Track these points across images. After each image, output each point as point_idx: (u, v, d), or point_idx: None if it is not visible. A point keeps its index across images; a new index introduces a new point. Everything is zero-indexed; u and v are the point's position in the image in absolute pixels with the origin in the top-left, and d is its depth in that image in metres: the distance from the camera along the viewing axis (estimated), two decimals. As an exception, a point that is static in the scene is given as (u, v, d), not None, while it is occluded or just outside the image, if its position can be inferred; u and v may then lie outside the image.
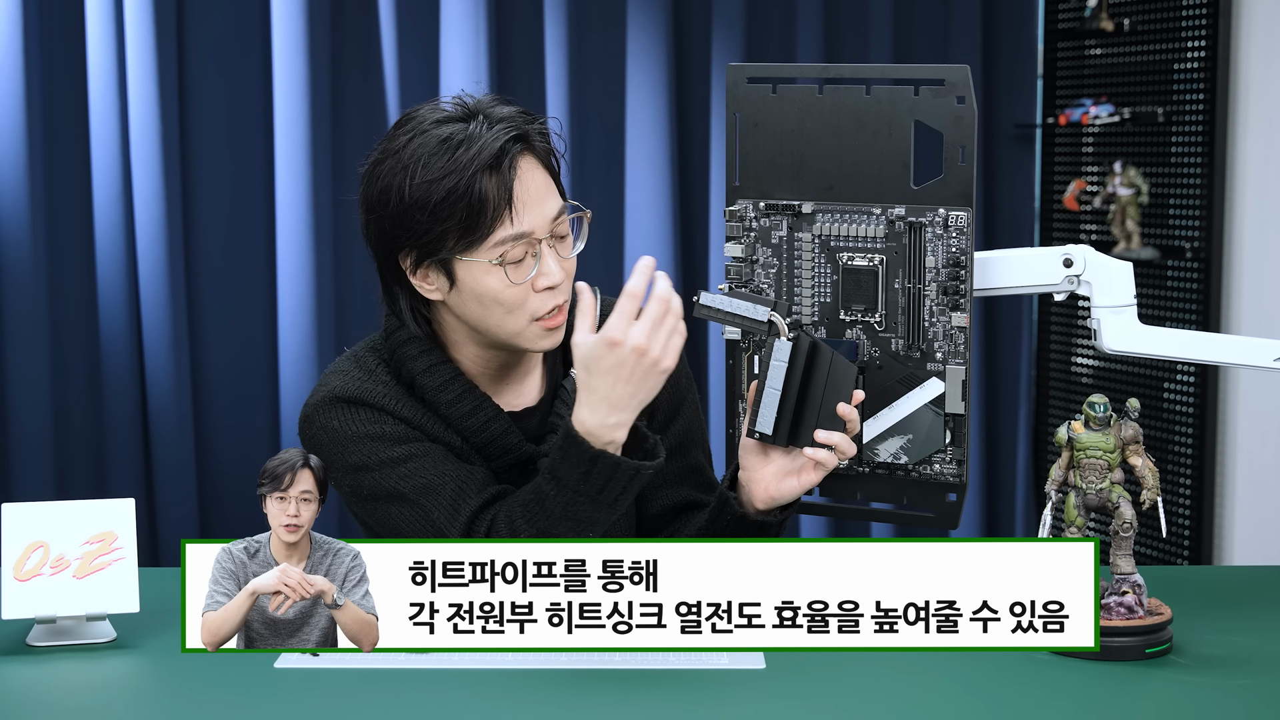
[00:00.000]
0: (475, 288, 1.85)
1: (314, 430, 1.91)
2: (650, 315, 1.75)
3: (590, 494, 1.77)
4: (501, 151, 1.82)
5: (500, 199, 1.81)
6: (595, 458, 1.76)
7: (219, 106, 3.78)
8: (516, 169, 1.83)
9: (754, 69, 1.91)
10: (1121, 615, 1.73)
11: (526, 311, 1.86)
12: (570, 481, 1.77)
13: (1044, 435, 4.31)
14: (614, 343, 1.74)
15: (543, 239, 1.85)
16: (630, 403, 1.77)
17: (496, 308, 1.86)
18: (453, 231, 1.82)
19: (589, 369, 1.76)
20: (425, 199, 1.82)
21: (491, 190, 1.81)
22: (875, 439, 1.90)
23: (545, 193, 1.86)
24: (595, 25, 3.92)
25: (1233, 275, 3.86)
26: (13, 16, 3.54)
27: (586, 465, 1.76)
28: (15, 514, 1.79)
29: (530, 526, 1.79)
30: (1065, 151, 4.26)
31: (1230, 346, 1.87)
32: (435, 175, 1.81)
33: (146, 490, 3.78)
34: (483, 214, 1.81)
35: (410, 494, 1.86)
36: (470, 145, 1.82)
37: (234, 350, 3.84)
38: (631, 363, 1.75)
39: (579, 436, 1.76)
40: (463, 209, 1.81)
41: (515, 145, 1.83)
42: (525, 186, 1.84)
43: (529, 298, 1.86)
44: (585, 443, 1.76)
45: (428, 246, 1.84)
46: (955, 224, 1.83)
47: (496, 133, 1.83)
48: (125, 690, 1.69)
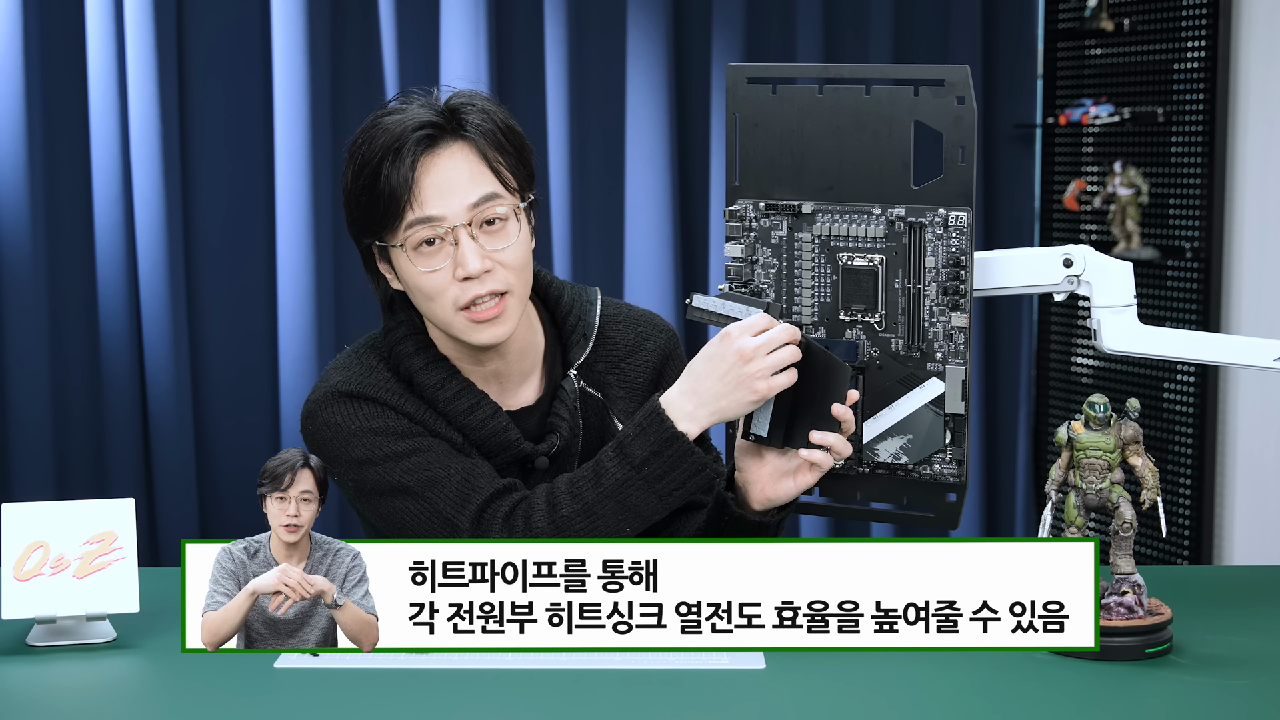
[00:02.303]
0: (402, 275, 1.89)
1: (316, 426, 1.92)
2: (770, 335, 1.79)
3: (650, 477, 1.81)
4: (403, 137, 1.84)
5: (400, 184, 1.84)
6: (671, 438, 1.80)
7: (219, 106, 3.78)
8: (421, 155, 1.84)
9: (754, 69, 1.91)
10: (1121, 615, 1.73)
11: (448, 300, 1.87)
12: (636, 457, 1.80)
13: (1044, 435, 4.31)
14: (726, 335, 1.80)
15: (458, 226, 1.85)
16: (711, 401, 1.80)
17: (420, 295, 1.89)
18: (373, 217, 1.87)
19: (700, 354, 1.82)
20: (354, 186, 1.88)
21: (392, 176, 1.84)
22: (875, 439, 1.90)
23: (466, 180, 1.86)
24: (595, 26, 3.92)
25: (1233, 275, 3.86)
26: (13, 16, 3.54)
27: (659, 444, 1.80)
28: (15, 514, 1.79)
29: (574, 501, 1.82)
30: (1065, 151, 4.26)
31: (1230, 346, 1.87)
32: (358, 163, 1.87)
33: (146, 490, 3.78)
34: (389, 200, 1.85)
35: (415, 487, 1.86)
36: (386, 132, 1.85)
37: (234, 350, 3.84)
38: (730, 362, 1.79)
39: (663, 412, 1.81)
40: (368, 194, 1.86)
41: (423, 131, 1.85)
42: (435, 173, 1.85)
43: (449, 286, 1.87)
44: (668, 419, 1.80)
45: (365, 233, 1.89)
46: (955, 224, 1.83)
47: (412, 119, 1.86)
48: (125, 690, 1.69)
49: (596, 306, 2.03)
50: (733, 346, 1.79)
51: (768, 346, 1.79)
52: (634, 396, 2.02)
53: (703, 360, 1.81)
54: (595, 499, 1.81)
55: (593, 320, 2.02)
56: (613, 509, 1.81)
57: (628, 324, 2.05)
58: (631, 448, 1.81)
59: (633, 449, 1.81)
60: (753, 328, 1.80)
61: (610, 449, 1.83)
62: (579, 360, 2.00)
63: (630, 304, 2.10)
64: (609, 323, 2.04)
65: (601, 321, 2.03)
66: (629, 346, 2.04)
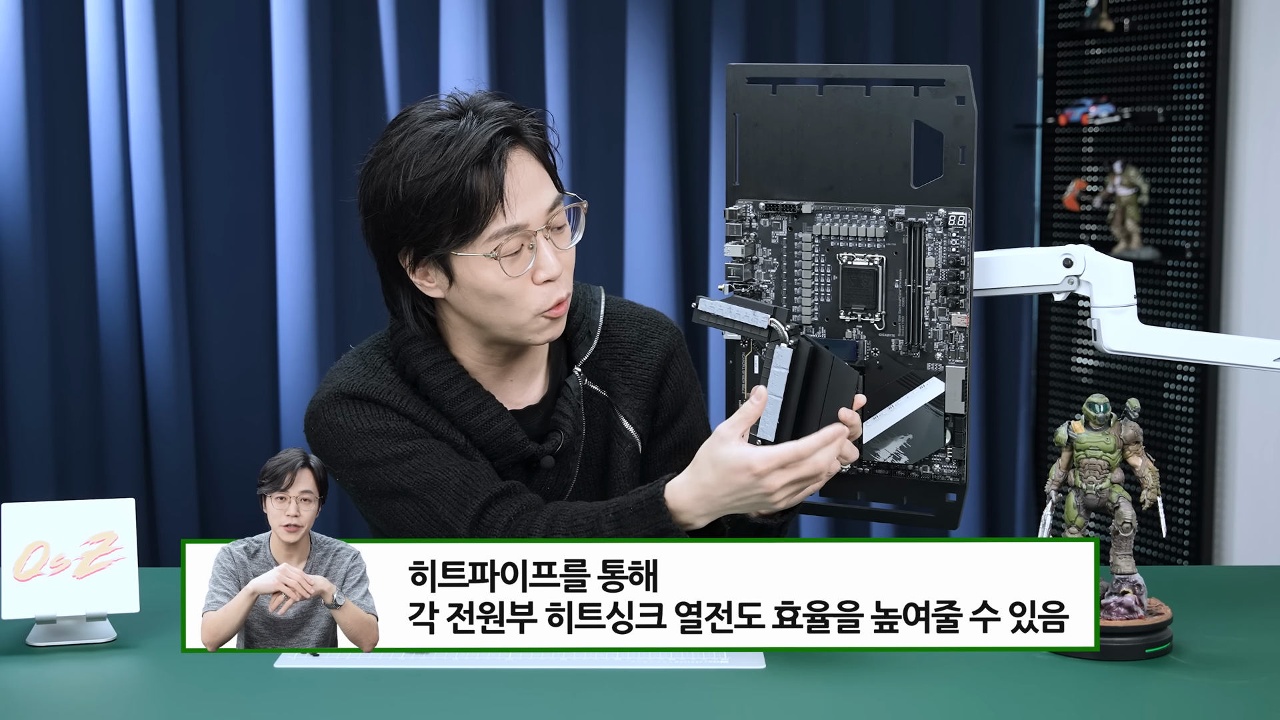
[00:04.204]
0: (474, 283, 1.86)
1: (319, 426, 1.92)
2: (798, 473, 1.74)
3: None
4: (491, 145, 1.83)
5: (492, 193, 1.82)
6: (667, 530, 1.78)
7: (219, 106, 3.78)
8: (507, 162, 1.84)
9: (754, 69, 1.91)
10: (1121, 615, 1.73)
11: (527, 304, 1.87)
12: (632, 531, 1.79)
13: (1044, 435, 4.31)
14: (754, 472, 1.73)
15: (537, 231, 1.86)
16: (726, 510, 1.78)
17: (497, 302, 1.86)
18: (447, 227, 1.83)
19: (715, 465, 1.75)
20: (418, 196, 1.83)
21: (483, 185, 1.82)
22: (875, 439, 1.89)
23: (539, 185, 1.87)
24: (595, 25, 3.92)
25: (1233, 275, 3.86)
26: (13, 16, 3.54)
27: (655, 531, 1.78)
28: (15, 514, 1.79)
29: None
30: (1065, 151, 4.26)
31: (1230, 346, 1.87)
32: (427, 172, 1.82)
33: (146, 490, 3.78)
34: (475, 209, 1.82)
35: (415, 489, 1.86)
36: (460, 141, 1.83)
37: (234, 350, 3.84)
38: (754, 492, 1.75)
39: (666, 507, 1.78)
40: (455, 204, 1.82)
41: (505, 139, 1.84)
42: (517, 179, 1.84)
43: (528, 290, 1.86)
44: (668, 514, 1.78)
45: (424, 244, 1.85)
46: (955, 224, 1.83)
47: (486, 127, 1.84)
48: (125, 690, 1.69)
49: (601, 305, 2.03)
50: (759, 484, 1.74)
51: (795, 486, 1.75)
52: (638, 394, 2.02)
53: (721, 478, 1.76)
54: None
55: (597, 318, 2.02)
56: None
57: (632, 322, 2.05)
58: (629, 523, 1.80)
59: (630, 524, 1.80)
60: (781, 460, 1.73)
61: (610, 514, 1.81)
62: (583, 358, 2.00)
63: (635, 302, 2.10)
64: (613, 320, 2.04)
65: (606, 319, 2.03)
66: (633, 344, 2.04)
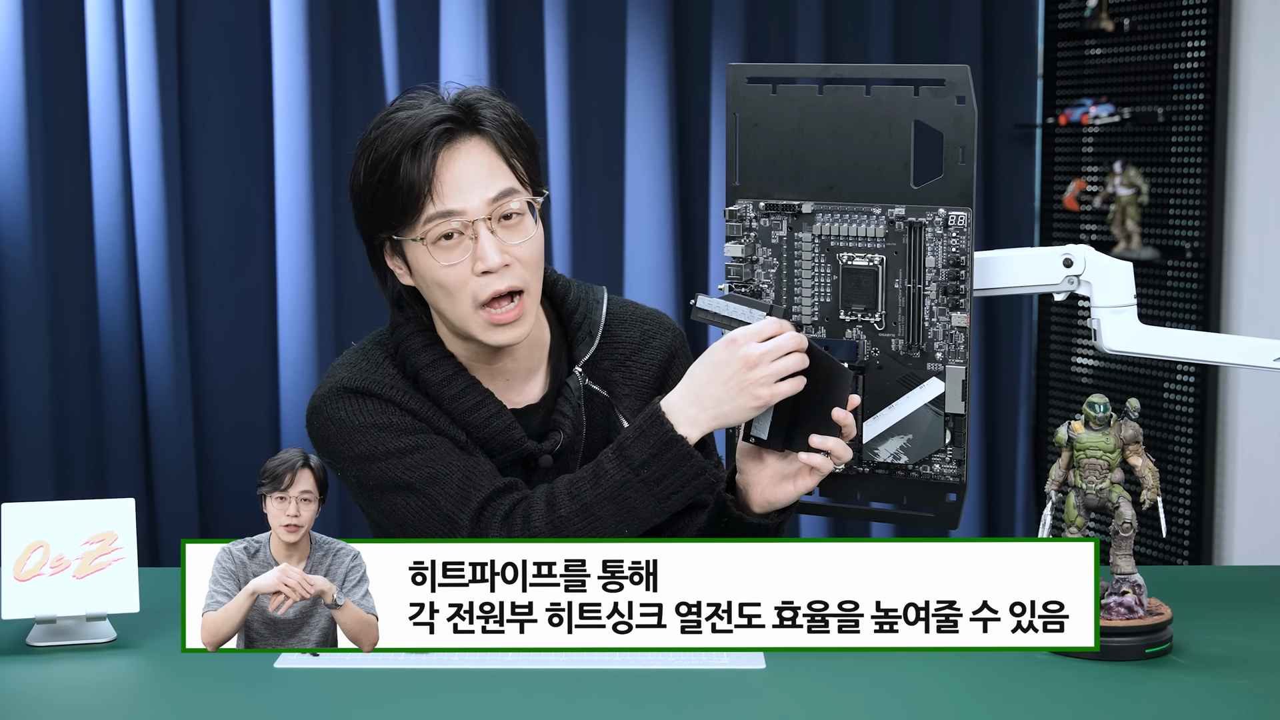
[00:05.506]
0: (419, 269, 1.89)
1: (321, 421, 1.92)
2: (776, 342, 1.79)
3: (649, 480, 1.81)
4: (422, 132, 1.85)
5: (420, 178, 1.84)
6: (670, 441, 1.80)
7: (219, 106, 3.78)
8: (441, 149, 1.85)
9: (754, 69, 1.91)
10: (1121, 615, 1.73)
11: (467, 296, 1.87)
12: (635, 460, 1.80)
13: (1044, 435, 4.31)
14: (732, 341, 1.80)
15: (478, 220, 1.86)
16: (713, 407, 1.80)
17: (438, 290, 1.88)
18: (391, 212, 1.87)
19: (703, 358, 1.82)
20: (367, 181, 1.88)
21: (412, 170, 1.84)
22: (875, 439, 1.89)
23: (485, 174, 1.87)
24: (595, 26, 3.92)
25: (1233, 275, 3.86)
26: (13, 16, 3.54)
27: (659, 448, 1.80)
28: (15, 514, 1.79)
29: (573, 502, 1.82)
30: (1065, 151, 4.26)
31: (1230, 346, 1.87)
32: (374, 159, 1.87)
33: (146, 490, 3.78)
34: (407, 193, 1.85)
35: (417, 484, 1.87)
36: (400, 128, 1.86)
37: (234, 350, 3.84)
38: (734, 368, 1.79)
39: (663, 415, 1.81)
40: (389, 189, 1.86)
41: (442, 125, 1.86)
42: (455, 167, 1.86)
43: (468, 281, 1.87)
44: (668, 423, 1.80)
45: (379, 228, 1.89)
46: (955, 224, 1.83)
47: (429, 114, 1.86)
48: (125, 690, 1.69)
49: (603, 304, 2.03)
50: (738, 352, 1.78)
51: (773, 354, 1.78)
52: (639, 394, 2.02)
53: (706, 365, 1.81)
54: (594, 500, 1.81)
55: (598, 318, 2.02)
56: (611, 510, 1.81)
57: (634, 322, 2.05)
58: (631, 450, 1.81)
59: (632, 451, 1.81)
60: (760, 334, 1.79)
61: (610, 450, 1.83)
62: (584, 358, 2.00)
63: (638, 303, 2.10)
64: (615, 320, 2.04)
65: (607, 319, 2.03)
66: (635, 344, 2.04)
